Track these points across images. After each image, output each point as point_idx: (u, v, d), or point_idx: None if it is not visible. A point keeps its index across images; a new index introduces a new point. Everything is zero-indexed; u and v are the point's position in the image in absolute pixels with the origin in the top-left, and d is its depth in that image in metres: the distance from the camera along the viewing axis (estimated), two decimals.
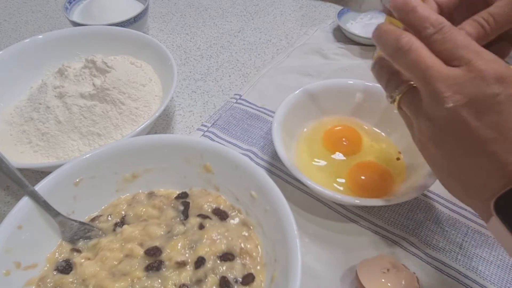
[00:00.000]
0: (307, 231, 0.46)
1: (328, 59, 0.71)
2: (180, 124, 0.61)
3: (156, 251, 0.38)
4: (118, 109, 0.54)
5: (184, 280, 0.36)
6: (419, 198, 0.49)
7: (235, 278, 0.37)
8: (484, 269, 0.43)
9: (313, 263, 0.43)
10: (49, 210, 0.38)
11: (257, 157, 0.54)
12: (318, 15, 0.85)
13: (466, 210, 0.48)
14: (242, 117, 0.60)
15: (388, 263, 0.39)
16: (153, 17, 0.84)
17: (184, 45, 0.77)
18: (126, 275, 0.36)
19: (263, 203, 0.39)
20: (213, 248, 0.38)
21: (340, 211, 0.48)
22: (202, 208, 0.43)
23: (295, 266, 0.33)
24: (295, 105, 0.52)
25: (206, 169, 0.44)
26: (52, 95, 0.54)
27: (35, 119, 0.53)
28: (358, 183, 0.48)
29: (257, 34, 0.80)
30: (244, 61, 0.73)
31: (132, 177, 0.45)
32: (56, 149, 0.51)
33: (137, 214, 0.42)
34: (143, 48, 0.63)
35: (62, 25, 0.83)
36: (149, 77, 0.61)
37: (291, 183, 0.51)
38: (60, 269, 0.38)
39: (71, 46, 0.65)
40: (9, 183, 0.52)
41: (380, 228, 0.46)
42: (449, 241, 0.45)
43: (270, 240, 0.39)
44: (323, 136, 0.53)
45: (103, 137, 0.52)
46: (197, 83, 0.68)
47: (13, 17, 0.85)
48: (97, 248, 0.40)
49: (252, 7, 0.88)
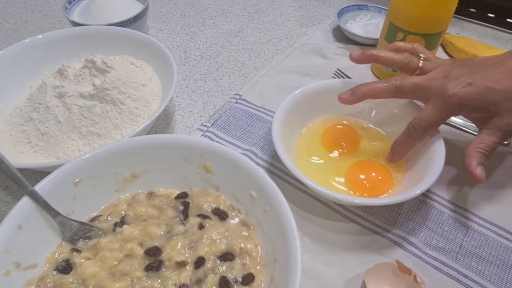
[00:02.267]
0: (307, 231, 0.46)
1: (328, 59, 0.71)
2: (180, 124, 0.61)
3: (156, 251, 0.38)
4: (118, 109, 0.54)
5: (184, 280, 0.36)
6: (419, 198, 0.49)
7: (235, 278, 0.37)
8: (484, 269, 0.43)
9: (313, 263, 0.43)
10: (49, 210, 0.38)
11: (257, 157, 0.54)
12: (318, 15, 0.85)
13: (466, 210, 0.48)
14: (242, 117, 0.60)
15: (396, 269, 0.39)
16: (153, 17, 0.84)
17: (184, 45, 0.77)
18: (126, 275, 0.36)
19: (263, 203, 0.39)
20: (213, 248, 0.38)
21: (340, 211, 0.48)
22: (202, 208, 0.43)
23: (295, 266, 0.33)
24: (295, 105, 0.52)
25: (206, 169, 0.44)
26: (52, 95, 0.54)
27: (35, 119, 0.53)
28: (358, 182, 0.48)
29: (257, 34, 0.80)
30: (244, 61, 0.73)
31: (132, 177, 0.45)
32: (56, 149, 0.51)
33: (137, 214, 0.42)
34: (143, 48, 0.63)
35: (62, 25, 0.83)
36: (148, 77, 0.61)
37: (291, 183, 0.51)
38: (60, 269, 0.38)
39: (70, 46, 0.65)
40: (9, 183, 0.52)
41: (380, 228, 0.46)
42: (449, 241, 0.45)
43: (270, 240, 0.39)
44: (322, 135, 0.53)
45: (103, 137, 0.52)
46: (197, 83, 0.68)
47: (13, 17, 0.85)
48: (97, 248, 0.40)
49: (251, 7, 0.88)
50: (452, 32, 0.78)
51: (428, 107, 0.45)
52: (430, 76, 0.46)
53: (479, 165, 0.43)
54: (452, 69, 0.45)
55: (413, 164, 0.48)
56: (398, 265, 0.38)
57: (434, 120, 0.45)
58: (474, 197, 0.49)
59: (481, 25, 0.81)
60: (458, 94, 0.43)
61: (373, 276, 0.39)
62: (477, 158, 0.43)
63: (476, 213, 0.47)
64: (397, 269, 0.39)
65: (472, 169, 0.43)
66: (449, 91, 0.44)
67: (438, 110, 0.45)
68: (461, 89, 0.43)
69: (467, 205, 0.48)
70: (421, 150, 0.48)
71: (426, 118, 0.45)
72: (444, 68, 0.46)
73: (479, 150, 0.44)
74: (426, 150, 0.47)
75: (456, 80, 0.44)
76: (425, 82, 0.46)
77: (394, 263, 0.39)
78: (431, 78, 0.46)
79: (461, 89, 0.43)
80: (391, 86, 0.47)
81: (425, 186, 0.42)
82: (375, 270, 0.39)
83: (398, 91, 0.47)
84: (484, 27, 0.80)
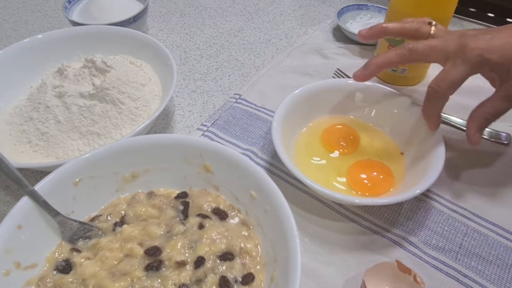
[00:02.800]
0: (306, 230, 0.46)
1: (328, 59, 0.71)
2: (179, 124, 0.61)
3: (155, 251, 0.38)
4: (118, 108, 0.54)
5: (184, 280, 0.36)
6: (419, 198, 0.49)
7: (234, 277, 0.37)
8: (483, 268, 0.43)
9: (312, 263, 0.43)
10: (48, 210, 0.38)
11: (256, 156, 0.54)
12: (318, 15, 0.85)
13: (466, 210, 0.48)
14: (242, 116, 0.60)
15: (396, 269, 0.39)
16: (152, 17, 0.84)
17: (184, 45, 0.77)
18: (126, 275, 0.36)
19: (263, 203, 0.39)
20: (213, 247, 0.38)
21: (340, 210, 0.48)
22: (201, 208, 0.43)
23: (294, 265, 0.33)
24: (295, 104, 0.52)
25: (205, 169, 0.44)
26: (52, 94, 0.54)
27: (35, 119, 0.53)
28: (359, 182, 0.48)
29: (256, 33, 0.80)
30: (243, 61, 0.73)
31: (132, 177, 0.45)
32: (56, 149, 0.51)
33: (136, 214, 0.42)
34: (142, 48, 0.63)
35: (61, 25, 0.83)
36: (148, 76, 0.61)
37: (291, 182, 0.51)
38: (59, 269, 0.38)
39: (70, 45, 0.65)
40: (8, 183, 0.52)
41: (380, 227, 0.46)
42: (449, 241, 0.45)
43: (270, 240, 0.39)
44: (322, 135, 0.53)
45: (103, 137, 0.52)
46: (197, 83, 0.68)
47: (13, 16, 0.85)
48: (96, 248, 0.40)
49: (251, 7, 0.88)
50: None
51: (448, 66, 0.44)
52: (445, 38, 0.45)
53: (479, 131, 0.44)
54: (467, 31, 0.44)
55: (413, 164, 0.48)
56: (398, 264, 0.38)
57: (455, 77, 0.43)
58: (474, 196, 0.49)
59: (481, 25, 0.81)
60: (479, 46, 0.42)
61: (373, 276, 0.39)
62: (480, 123, 0.44)
63: (476, 213, 0.47)
64: (397, 269, 0.39)
65: (471, 133, 0.44)
66: (470, 45, 0.42)
67: (459, 66, 0.43)
68: (482, 42, 0.42)
69: (467, 204, 0.48)
70: (421, 150, 0.48)
71: (447, 77, 0.43)
72: (459, 32, 0.45)
73: (485, 115, 0.44)
74: (426, 150, 0.47)
75: (475, 37, 0.43)
76: (441, 42, 0.44)
77: (394, 262, 0.39)
78: (447, 39, 0.44)
79: (482, 42, 0.42)
80: (405, 50, 0.46)
81: (425, 186, 0.42)
82: (375, 269, 0.39)
83: (412, 53, 0.45)
84: (484, 27, 0.80)
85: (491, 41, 0.42)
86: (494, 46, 0.42)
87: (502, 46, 0.42)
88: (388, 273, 0.39)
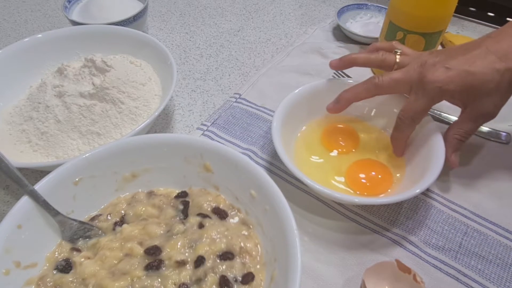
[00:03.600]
0: (306, 230, 0.46)
1: (328, 58, 0.70)
2: (179, 123, 0.61)
3: (155, 250, 0.38)
4: (118, 108, 0.54)
5: (184, 279, 0.36)
6: (419, 198, 0.49)
7: (234, 277, 0.37)
8: (483, 267, 0.43)
9: (312, 262, 0.43)
10: (48, 210, 0.38)
11: (256, 156, 0.54)
12: (318, 14, 0.85)
13: (465, 209, 0.48)
14: (242, 116, 0.60)
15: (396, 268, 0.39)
16: (152, 16, 0.84)
17: (184, 44, 0.77)
18: (126, 274, 0.36)
19: (263, 202, 0.39)
20: (213, 247, 0.38)
21: (339, 210, 0.48)
22: (201, 207, 0.43)
23: (294, 265, 0.33)
24: (295, 104, 0.52)
25: (205, 168, 0.44)
26: (52, 94, 0.54)
27: (35, 119, 0.53)
28: (357, 181, 0.48)
29: (256, 33, 0.80)
30: (243, 60, 0.73)
31: (132, 177, 0.45)
32: (56, 149, 0.51)
33: (136, 214, 0.42)
34: (142, 47, 0.63)
35: (61, 24, 0.83)
36: (148, 76, 0.60)
37: (291, 182, 0.51)
38: (60, 268, 0.38)
39: (70, 45, 0.65)
40: (8, 183, 0.52)
41: (380, 227, 0.46)
42: (449, 240, 0.45)
43: (270, 239, 0.39)
44: (321, 134, 0.53)
45: (103, 137, 0.52)
46: (197, 82, 0.68)
47: (12, 16, 0.85)
48: (96, 247, 0.40)
49: (251, 6, 0.88)
50: (452, 31, 0.78)
51: (411, 97, 0.46)
52: (407, 69, 0.47)
53: (454, 152, 0.46)
54: (428, 58, 0.46)
55: (412, 163, 0.48)
56: (397, 264, 0.38)
57: (418, 109, 0.45)
58: (474, 196, 0.49)
59: (481, 24, 0.81)
60: (436, 79, 0.44)
61: (372, 275, 0.39)
62: (453, 145, 0.46)
63: (475, 212, 0.47)
64: (396, 268, 0.39)
65: (447, 155, 0.45)
66: (428, 78, 0.44)
67: (420, 98, 0.45)
68: (439, 75, 0.44)
69: (466, 204, 0.48)
70: (420, 150, 0.48)
71: (411, 109, 0.46)
72: (421, 59, 0.47)
73: (456, 136, 0.46)
74: (425, 150, 0.47)
75: (433, 67, 0.45)
76: (403, 75, 0.47)
77: (394, 262, 0.39)
78: (409, 70, 0.46)
79: (439, 74, 0.44)
80: (371, 85, 0.48)
81: (425, 185, 0.42)
82: (374, 269, 0.39)
83: (378, 88, 0.48)
84: (484, 26, 0.80)
85: (448, 72, 0.44)
86: (451, 76, 0.44)
87: (459, 75, 0.44)
88: (388, 273, 0.39)
